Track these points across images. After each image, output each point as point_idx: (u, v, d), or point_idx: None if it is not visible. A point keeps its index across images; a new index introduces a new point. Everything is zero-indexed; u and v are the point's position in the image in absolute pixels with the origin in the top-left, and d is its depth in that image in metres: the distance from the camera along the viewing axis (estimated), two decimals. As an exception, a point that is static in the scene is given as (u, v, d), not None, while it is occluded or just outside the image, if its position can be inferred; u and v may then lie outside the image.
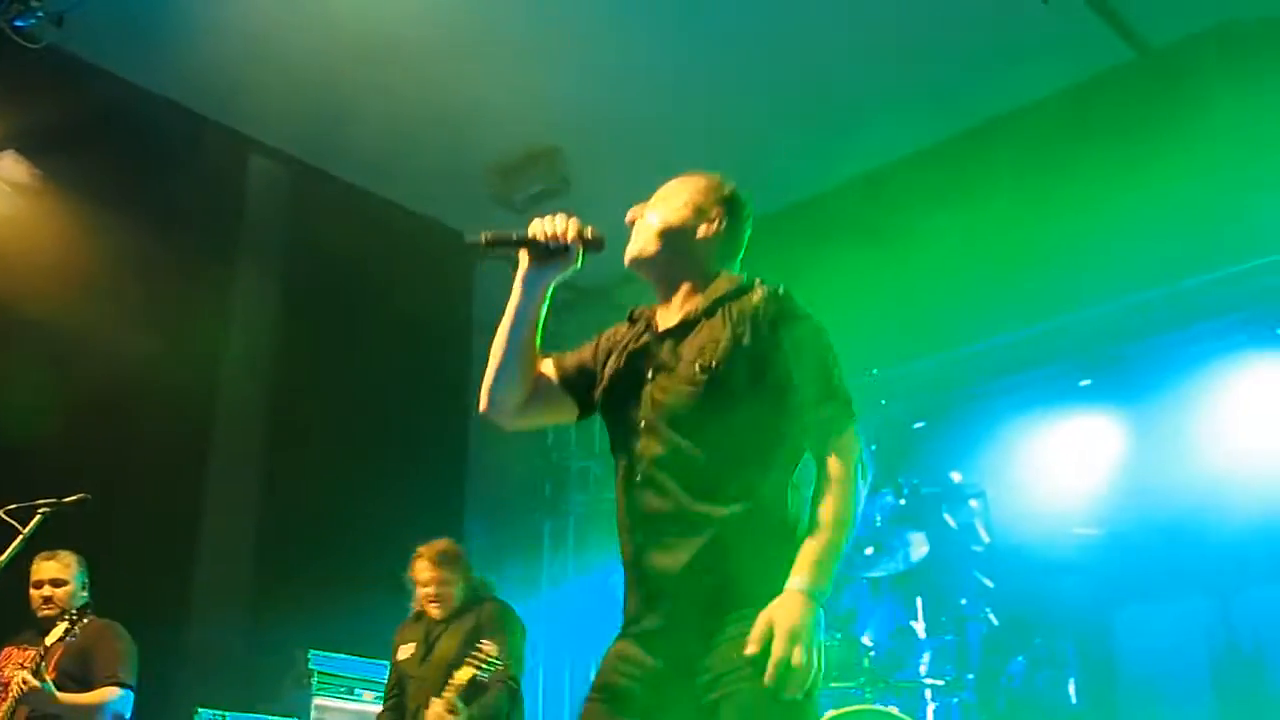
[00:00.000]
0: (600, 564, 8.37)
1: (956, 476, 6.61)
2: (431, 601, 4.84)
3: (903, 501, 6.49)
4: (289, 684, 6.12)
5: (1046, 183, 6.15)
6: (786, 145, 6.72)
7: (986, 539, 6.42)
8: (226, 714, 5.56)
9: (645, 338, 2.58)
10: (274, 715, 5.77)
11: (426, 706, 4.47)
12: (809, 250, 6.44)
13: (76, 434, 5.70)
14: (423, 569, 4.86)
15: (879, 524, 6.30)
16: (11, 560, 3.82)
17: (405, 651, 4.90)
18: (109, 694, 4.73)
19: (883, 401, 6.62)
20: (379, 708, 5.10)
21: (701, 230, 2.58)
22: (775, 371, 2.41)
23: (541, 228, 2.47)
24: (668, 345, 2.52)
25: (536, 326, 2.55)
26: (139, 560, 5.63)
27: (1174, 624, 6.13)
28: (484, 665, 4.34)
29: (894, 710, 5.31)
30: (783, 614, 2.23)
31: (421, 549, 4.88)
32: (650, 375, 2.49)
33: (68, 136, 5.84)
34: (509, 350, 2.54)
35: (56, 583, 4.86)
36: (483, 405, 2.60)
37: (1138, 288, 6.15)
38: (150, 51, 6.04)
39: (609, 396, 2.58)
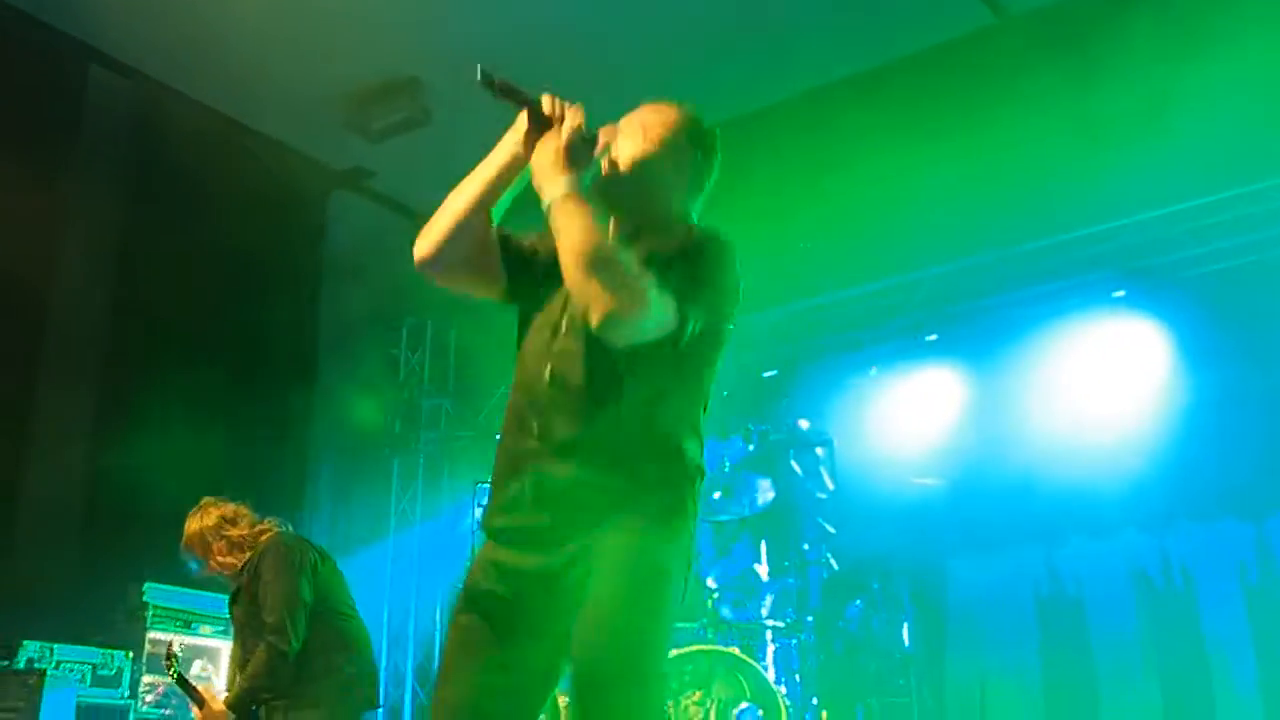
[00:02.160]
0: (449, 504, 8.31)
1: (804, 424, 6.75)
2: None
3: (751, 447, 6.61)
4: (121, 617, 5.93)
5: (897, 142, 6.22)
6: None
7: (831, 486, 6.60)
8: (55, 645, 5.34)
9: None
10: (105, 648, 5.59)
11: None
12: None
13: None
14: None
15: (728, 469, 6.41)
16: None
17: None
18: None
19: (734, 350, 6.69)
20: (219, 643, 4.89)
21: (673, 172, 2.51)
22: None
23: (551, 103, 2.36)
24: None
25: (501, 190, 2.44)
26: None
27: (1003, 571, 6.43)
28: None
29: (735, 650, 5.43)
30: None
31: None
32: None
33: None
34: (467, 201, 2.44)
35: None
36: (420, 250, 2.45)
37: (982, 248, 6.33)
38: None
39: (536, 289, 2.50)
